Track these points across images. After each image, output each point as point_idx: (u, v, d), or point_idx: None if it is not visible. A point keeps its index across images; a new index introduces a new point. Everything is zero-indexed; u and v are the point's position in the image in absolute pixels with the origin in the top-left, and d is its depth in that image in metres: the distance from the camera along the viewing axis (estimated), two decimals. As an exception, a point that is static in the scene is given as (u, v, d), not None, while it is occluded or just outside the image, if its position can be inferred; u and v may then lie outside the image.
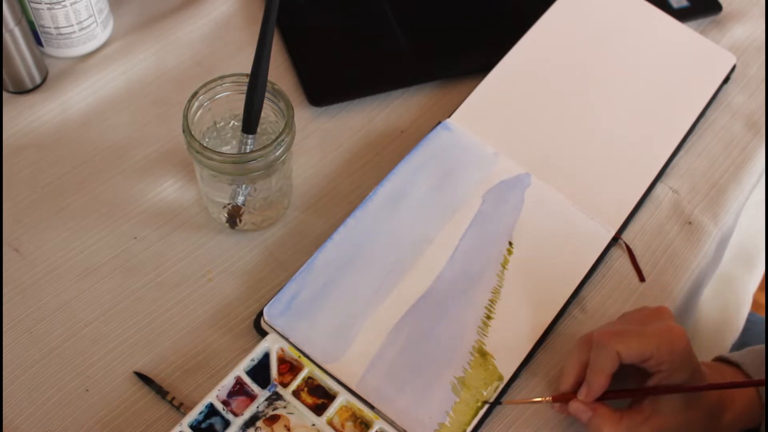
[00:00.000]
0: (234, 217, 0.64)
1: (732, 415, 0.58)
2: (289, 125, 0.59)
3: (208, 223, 0.67)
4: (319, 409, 0.57)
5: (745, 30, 0.80)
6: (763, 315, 1.07)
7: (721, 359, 0.61)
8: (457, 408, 0.58)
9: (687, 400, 0.55)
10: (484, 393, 0.58)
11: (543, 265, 0.64)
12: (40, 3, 0.69)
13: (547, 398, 0.58)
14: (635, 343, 0.54)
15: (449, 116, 0.71)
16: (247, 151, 0.61)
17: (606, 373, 0.54)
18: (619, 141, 0.71)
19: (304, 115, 0.73)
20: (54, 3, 0.69)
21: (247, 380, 0.58)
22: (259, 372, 0.58)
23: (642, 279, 0.66)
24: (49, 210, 0.66)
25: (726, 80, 0.76)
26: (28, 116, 0.71)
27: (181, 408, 0.58)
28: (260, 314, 0.61)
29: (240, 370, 0.58)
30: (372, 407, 0.57)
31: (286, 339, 0.59)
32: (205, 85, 0.60)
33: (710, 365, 0.60)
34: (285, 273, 0.64)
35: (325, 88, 0.74)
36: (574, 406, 0.56)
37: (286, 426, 0.57)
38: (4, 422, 0.57)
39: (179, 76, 0.74)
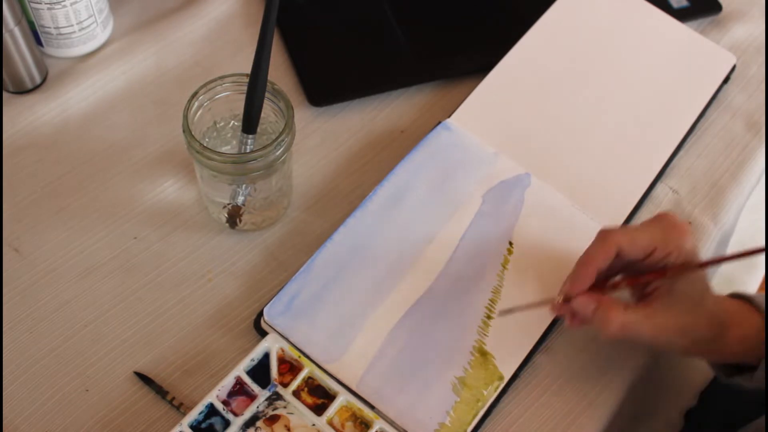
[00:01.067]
0: (234, 217, 0.64)
1: (737, 333, 0.55)
2: (289, 125, 0.59)
3: (208, 223, 0.67)
4: (319, 409, 0.57)
5: (745, 30, 0.80)
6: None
7: (731, 295, 0.59)
8: (458, 407, 0.58)
9: (692, 301, 0.54)
10: (485, 393, 0.58)
11: (543, 265, 0.64)
12: (40, 3, 0.69)
13: (556, 298, 0.56)
14: (639, 233, 0.53)
15: (449, 116, 0.71)
16: (247, 151, 0.61)
17: (595, 264, 0.54)
18: (619, 141, 0.71)
19: (304, 115, 0.73)
20: (54, 3, 0.69)
21: (247, 380, 0.58)
22: (259, 372, 0.58)
23: (642, 278, 0.66)
24: (49, 210, 0.66)
25: (726, 80, 0.76)
26: (28, 116, 0.71)
27: (181, 408, 0.58)
28: (260, 314, 0.61)
29: (240, 370, 0.58)
30: (372, 407, 0.57)
31: (286, 339, 0.59)
32: (205, 85, 0.60)
33: (716, 295, 0.59)
34: (285, 273, 0.64)
35: (325, 88, 0.74)
36: (579, 299, 0.54)
37: (286, 426, 0.57)
38: (4, 422, 0.57)
39: (179, 76, 0.74)
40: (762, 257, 0.89)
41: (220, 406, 0.56)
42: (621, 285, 0.56)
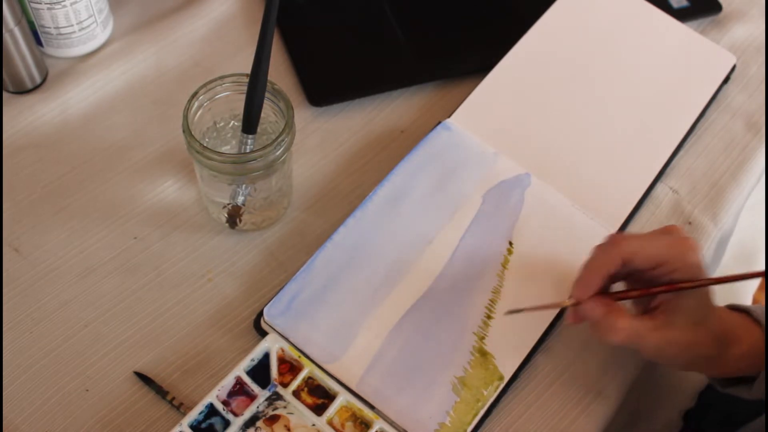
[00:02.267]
0: (234, 217, 0.64)
1: (739, 350, 0.56)
2: (289, 125, 0.59)
3: (208, 223, 0.67)
4: (319, 409, 0.57)
5: (745, 30, 0.80)
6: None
7: (730, 307, 0.60)
8: (458, 407, 0.58)
9: (698, 317, 0.54)
10: (485, 393, 0.58)
11: (543, 265, 0.64)
12: (40, 3, 0.69)
13: (565, 301, 0.55)
14: (649, 244, 0.53)
15: (449, 116, 0.71)
16: (247, 151, 0.61)
17: (603, 270, 0.53)
18: (619, 141, 0.71)
19: (304, 115, 0.73)
20: (54, 3, 0.69)
21: (247, 380, 0.58)
22: (259, 372, 0.58)
23: (642, 279, 0.66)
24: (49, 210, 0.66)
25: (726, 80, 0.76)
26: (28, 116, 0.71)
27: (181, 408, 0.58)
28: (260, 314, 0.61)
29: (240, 370, 0.58)
30: (372, 407, 0.57)
31: (286, 339, 0.59)
32: (205, 85, 0.60)
33: (718, 306, 0.58)
34: (285, 273, 0.64)
35: (325, 88, 0.74)
36: (588, 303, 0.53)
37: (286, 426, 0.57)
38: (4, 422, 0.57)
39: (179, 76, 0.74)
40: (762, 256, 0.89)
41: (220, 406, 0.56)
42: (632, 295, 0.55)
